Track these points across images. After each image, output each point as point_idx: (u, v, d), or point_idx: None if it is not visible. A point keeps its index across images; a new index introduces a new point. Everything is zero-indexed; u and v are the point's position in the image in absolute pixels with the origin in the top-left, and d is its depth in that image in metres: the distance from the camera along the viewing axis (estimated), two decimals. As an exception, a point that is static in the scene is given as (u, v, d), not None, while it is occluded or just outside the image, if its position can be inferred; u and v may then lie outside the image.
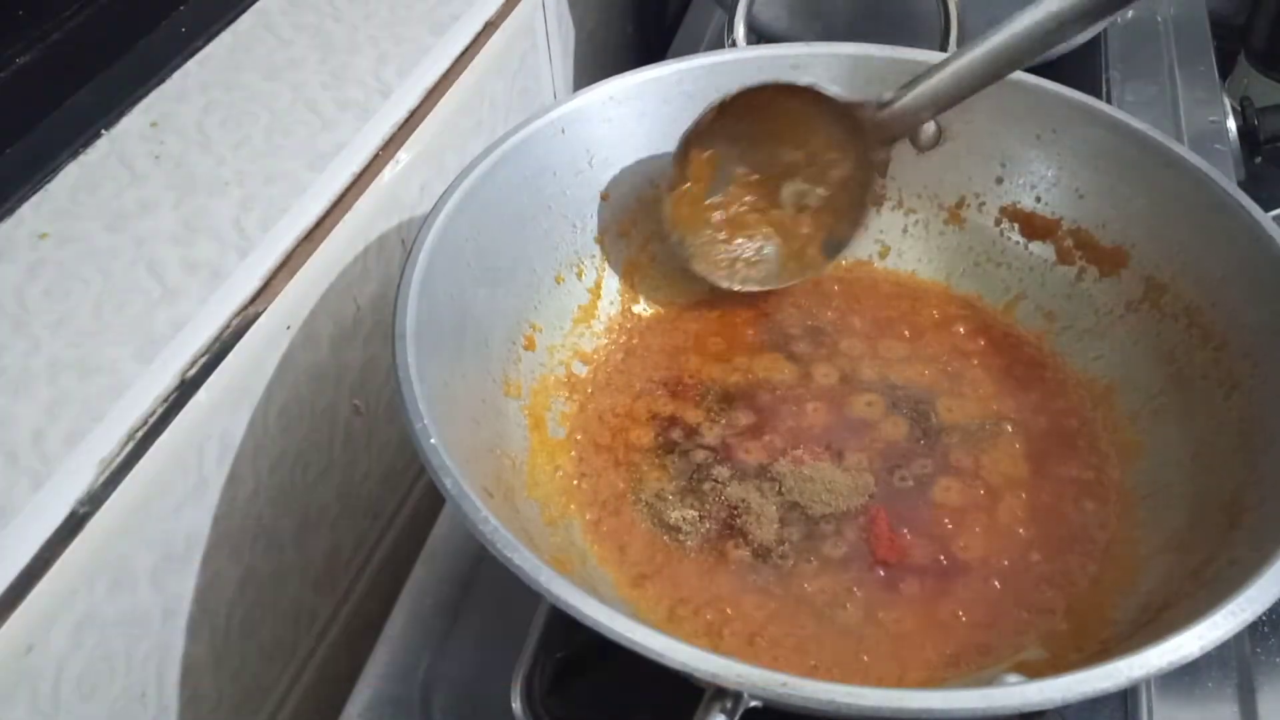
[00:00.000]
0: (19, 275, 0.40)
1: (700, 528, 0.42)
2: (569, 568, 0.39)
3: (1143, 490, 0.43)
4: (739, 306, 0.51)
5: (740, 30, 0.56)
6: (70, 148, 0.44)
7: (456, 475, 0.33)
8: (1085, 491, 0.43)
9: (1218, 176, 0.44)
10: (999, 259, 0.51)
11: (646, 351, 0.49)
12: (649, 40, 0.88)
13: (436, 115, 0.53)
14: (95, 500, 0.36)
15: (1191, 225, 0.45)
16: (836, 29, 0.62)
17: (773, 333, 0.50)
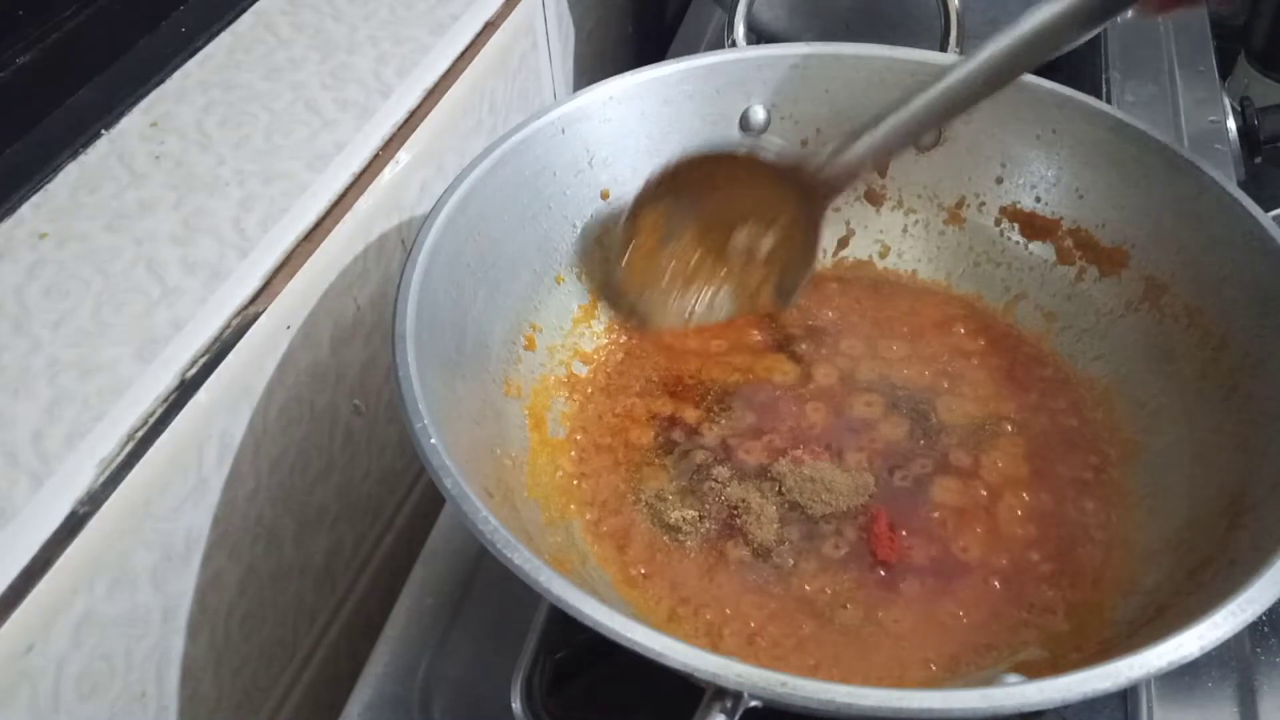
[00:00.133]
0: (19, 275, 0.40)
1: (700, 528, 0.42)
2: (569, 568, 0.39)
3: (1143, 490, 0.43)
4: (739, 306, 0.51)
5: (740, 30, 0.56)
6: (70, 148, 0.44)
7: (456, 475, 0.33)
8: (1085, 491, 0.43)
9: (1218, 176, 0.44)
10: (999, 259, 0.51)
11: (646, 351, 0.49)
12: (649, 40, 0.88)
13: (436, 115, 0.53)
14: (95, 500, 0.36)
15: (1191, 225, 0.45)
16: (836, 29, 0.62)
17: (773, 333, 0.50)
